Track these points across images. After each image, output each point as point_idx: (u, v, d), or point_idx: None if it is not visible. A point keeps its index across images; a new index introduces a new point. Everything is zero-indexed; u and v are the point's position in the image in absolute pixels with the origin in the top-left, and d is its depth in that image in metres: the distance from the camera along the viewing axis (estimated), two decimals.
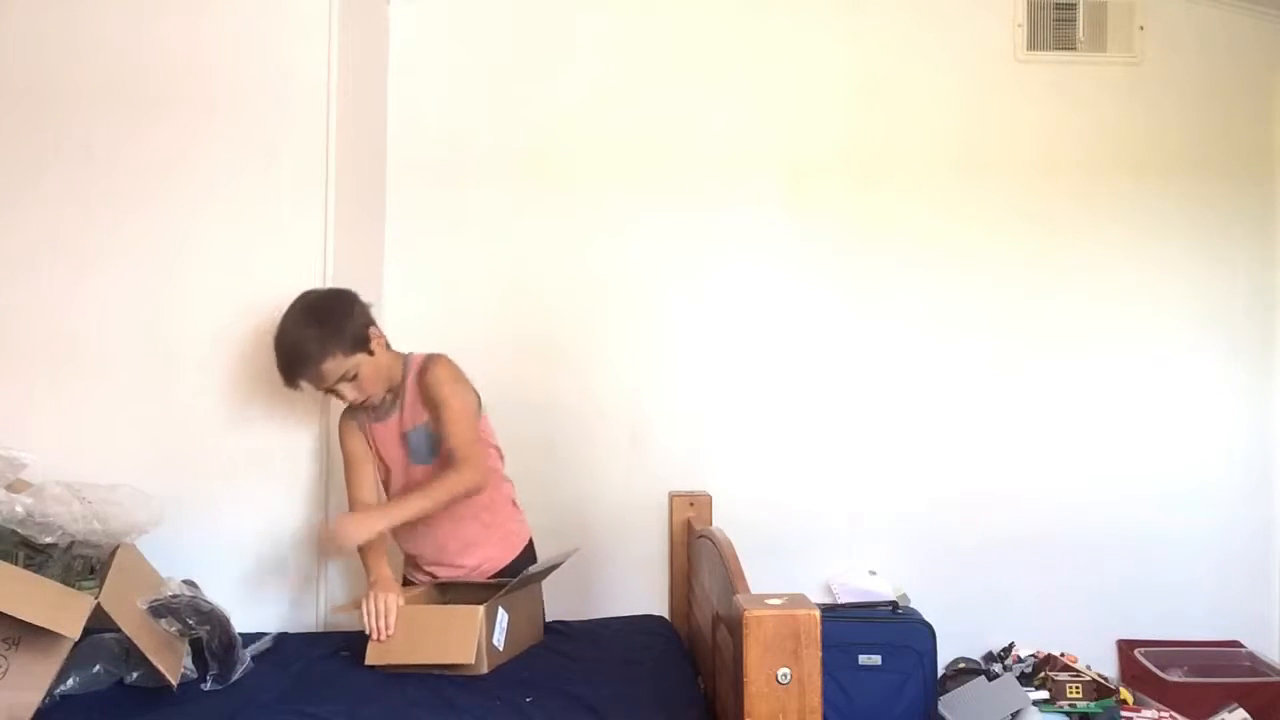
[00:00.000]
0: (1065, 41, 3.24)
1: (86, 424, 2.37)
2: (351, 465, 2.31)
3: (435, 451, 2.23)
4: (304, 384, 2.17)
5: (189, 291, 2.42)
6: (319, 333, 2.13)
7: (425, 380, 2.23)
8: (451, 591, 2.25)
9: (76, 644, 1.75)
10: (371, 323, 2.22)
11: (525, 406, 2.96)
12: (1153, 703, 2.87)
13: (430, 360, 2.27)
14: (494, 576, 2.30)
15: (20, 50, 2.40)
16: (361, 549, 2.17)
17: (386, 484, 2.35)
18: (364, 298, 2.28)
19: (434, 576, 2.33)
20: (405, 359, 2.30)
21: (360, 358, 2.16)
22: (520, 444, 2.60)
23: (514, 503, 2.44)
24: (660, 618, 2.46)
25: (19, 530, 1.87)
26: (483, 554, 2.33)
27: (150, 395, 2.39)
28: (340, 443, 2.33)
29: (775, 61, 3.21)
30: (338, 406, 2.48)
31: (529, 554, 2.40)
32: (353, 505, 2.29)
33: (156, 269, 2.41)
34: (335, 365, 2.13)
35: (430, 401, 2.22)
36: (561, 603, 2.41)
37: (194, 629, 1.90)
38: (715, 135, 3.19)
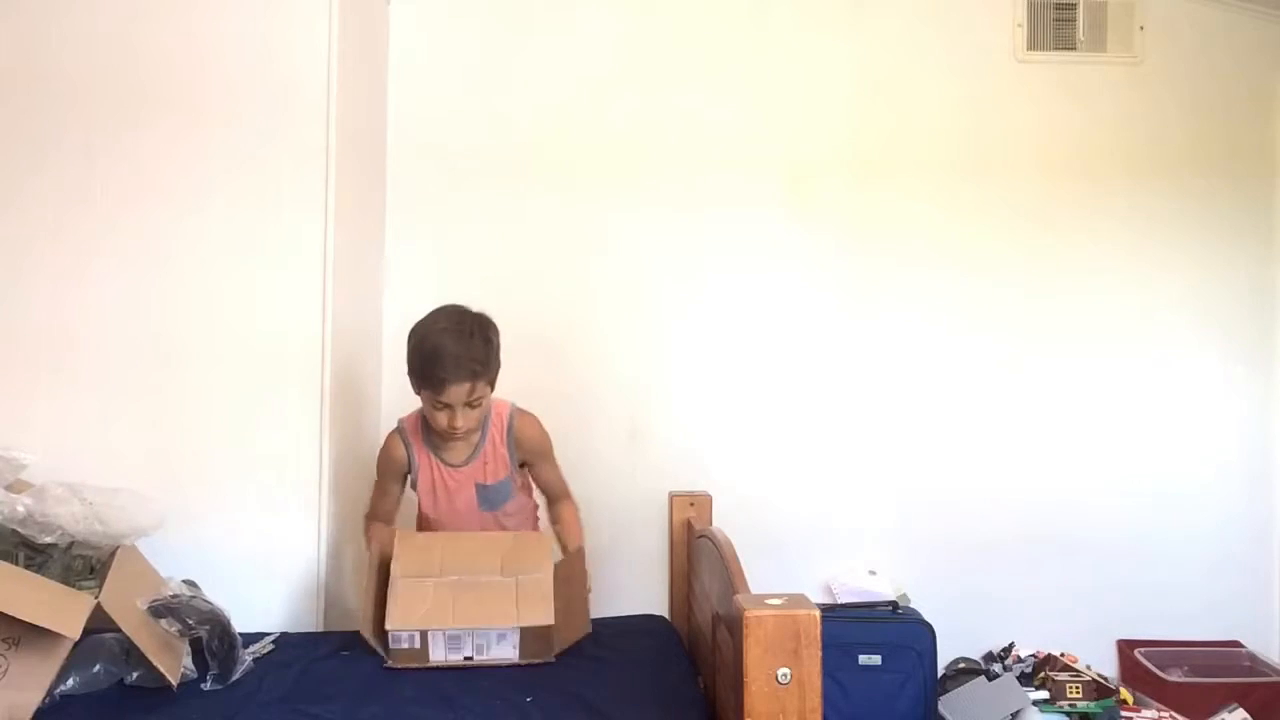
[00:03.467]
0: (1065, 41, 3.24)
1: (86, 424, 2.37)
2: (385, 482, 2.34)
3: (507, 499, 2.31)
4: (453, 388, 2.09)
5: (189, 292, 2.42)
6: (488, 351, 2.14)
7: (522, 436, 2.28)
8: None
9: (76, 644, 1.74)
10: None
11: (525, 406, 2.96)
12: (1153, 703, 2.87)
13: (523, 415, 2.31)
14: None
15: (18, 50, 2.40)
16: (370, 538, 2.26)
17: (427, 511, 2.34)
18: (364, 296, 2.28)
19: None
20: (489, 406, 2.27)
21: (489, 392, 2.19)
22: None
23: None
24: (660, 617, 2.45)
25: (19, 530, 1.87)
26: None
27: (150, 395, 2.39)
28: (381, 460, 2.34)
29: (776, 60, 3.22)
30: (337, 409, 2.48)
31: None
32: (375, 513, 2.34)
33: (156, 269, 2.41)
34: (482, 387, 2.14)
35: (528, 458, 2.32)
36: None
37: (194, 629, 1.90)
38: (716, 134, 3.19)
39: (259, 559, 2.40)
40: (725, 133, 3.19)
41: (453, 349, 2.08)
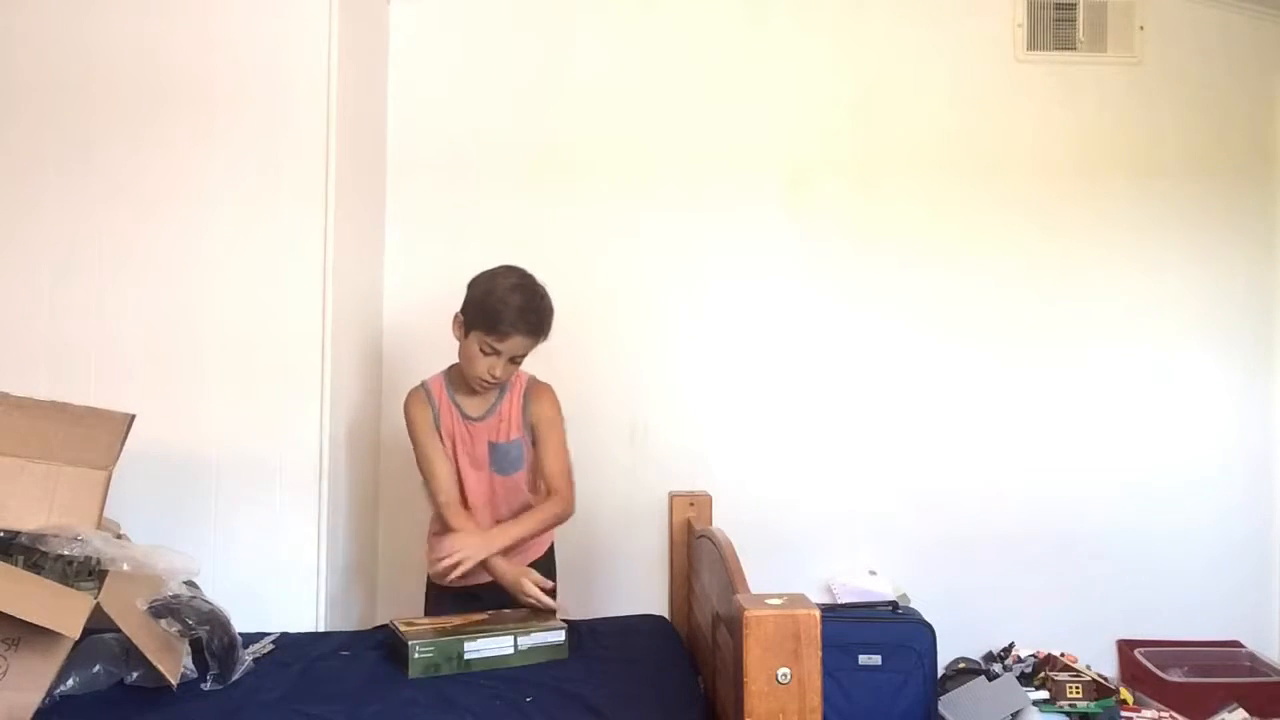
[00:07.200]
0: (1065, 41, 3.24)
1: None
2: (429, 438, 2.27)
3: (518, 468, 2.30)
4: (515, 339, 2.14)
5: (189, 294, 2.42)
6: (550, 314, 2.21)
7: (536, 402, 2.30)
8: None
9: (76, 644, 1.74)
10: None
11: None
12: (1153, 703, 2.87)
13: (540, 384, 2.34)
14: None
15: (20, 57, 2.40)
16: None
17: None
18: (364, 295, 2.27)
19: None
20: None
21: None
22: None
23: None
24: (660, 618, 2.45)
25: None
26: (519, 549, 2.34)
27: (151, 396, 2.39)
28: (417, 428, 2.28)
29: (776, 61, 3.22)
30: (337, 409, 2.49)
31: (550, 555, 2.45)
32: (437, 489, 2.27)
33: (157, 274, 2.42)
34: (534, 346, 2.20)
35: (535, 423, 2.30)
36: (562, 602, 2.40)
37: (194, 629, 1.89)
38: (716, 135, 3.19)
39: (259, 559, 2.40)
40: (725, 134, 3.19)
41: (524, 302, 2.15)
